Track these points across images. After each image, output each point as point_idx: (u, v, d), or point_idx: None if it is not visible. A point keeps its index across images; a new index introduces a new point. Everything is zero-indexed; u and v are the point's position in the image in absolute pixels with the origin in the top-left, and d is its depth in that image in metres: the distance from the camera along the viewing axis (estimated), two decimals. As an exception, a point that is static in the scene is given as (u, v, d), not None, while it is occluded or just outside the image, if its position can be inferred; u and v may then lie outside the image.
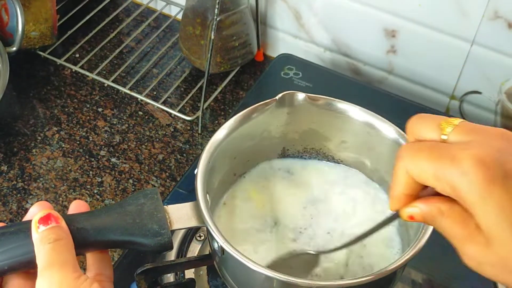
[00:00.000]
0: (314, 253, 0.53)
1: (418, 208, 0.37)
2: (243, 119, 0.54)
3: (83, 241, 0.45)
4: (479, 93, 0.80)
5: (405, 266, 0.46)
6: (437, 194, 0.37)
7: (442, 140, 0.37)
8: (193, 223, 0.48)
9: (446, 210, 0.36)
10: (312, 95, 0.56)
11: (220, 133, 0.53)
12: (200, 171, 0.50)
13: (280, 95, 0.55)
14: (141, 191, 0.49)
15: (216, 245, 0.47)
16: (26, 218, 0.45)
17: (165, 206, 0.48)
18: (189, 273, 0.62)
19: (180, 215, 0.48)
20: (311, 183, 0.59)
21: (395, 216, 0.39)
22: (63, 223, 0.44)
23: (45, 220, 0.43)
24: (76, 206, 0.48)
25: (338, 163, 0.60)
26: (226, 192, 0.58)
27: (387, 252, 0.54)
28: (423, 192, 0.38)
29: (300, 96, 0.55)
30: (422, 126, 0.38)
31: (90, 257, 0.47)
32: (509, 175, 0.33)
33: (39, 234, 0.43)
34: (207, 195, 0.50)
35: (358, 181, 0.59)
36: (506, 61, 0.78)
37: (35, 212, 0.44)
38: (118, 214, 0.47)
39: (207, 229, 0.47)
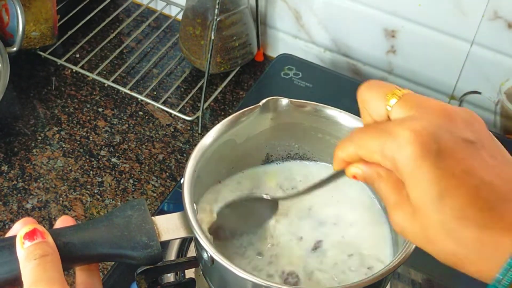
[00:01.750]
0: (269, 198, 0.54)
1: (360, 170, 0.40)
2: (228, 125, 0.54)
3: (70, 256, 0.44)
4: (479, 93, 0.81)
5: (395, 271, 0.46)
6: None
7: (386, 111, 0.39)
8: (182, 233, 0.48)
9: (384, 175, 0.38)
10: (296, 101, 0.55)
11: (206, 140, 0.53)
12: (186, 180, 0.49)
13: (263, 101, 0.54)
14: (128, 202, 0.48)
15: (205, 255, 0.47)
16: (9, 234, 0.44)
17: (153, 218, 0.48)
18: (189, 273, 0.62)
19: (168, 226, 0.48)
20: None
21: (342, 172, 0.42)
22: (49, 238, 0.42)
23: (30, 235, 0.42)
24: (63, 222, 0.47)
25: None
26: (211, 199, 0.57)
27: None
28: None
29: (284, 101, 0.55)
30: (370, 95, 0.40)
31: (79, 276, 0.46)
32: (441, 151, 0.34)
33: (24, 250, 0.41)
34: (194, 204, 0.49)
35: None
36: (506, 61, 0.78)
37: (19, 228, 0.43)
38: (106, 227, 0.46)
39: (196, 239, 0.47)
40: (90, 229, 0.46)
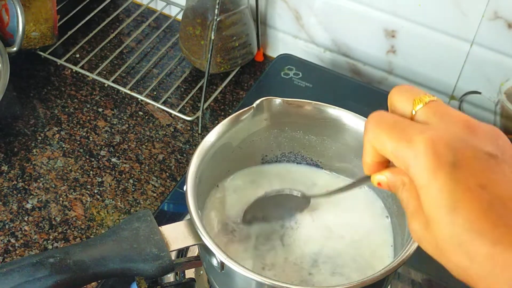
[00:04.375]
0: (297, 195, 0.54)
1: (385, 177, 0.39)
2: (225, 128, 0.54)
3: (81, 274, 0.43)
4: (479, 93, 0.81)
5: (396, 271, 0.47)
6: None
7: (411, 115, 0.38)
8: (190, 241, 0.48)
9: (407, 183, 0.38)
10: (289, 100, 0.56)
11: (205, 145, 0.53)
12: (189, 187, 0.49)
13: (257, 101, 0.55)
14: (133, 214, 0.48)
15: (215, 261, 0.46)
16: None
17: (160, 228, 0.47)
18: (189, 273, 0.62)
19: (176, 235, 0.48)
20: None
21: (367, 178, 0.42)
22: None
23: None
24: None
25: (319, 167, 0.60)
26: (207, 200, 0.57)
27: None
28: None
29: (278, 101, 0.55)
30: (398, 97, 0.39)
31: None
32: (458, 164, 0.34)
33: None
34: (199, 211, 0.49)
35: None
36: (506, 61, 0.78)
37: None
38: (114, 241, 0.45)
39: (205, 246, 0.47)
40: (98, 245, 0.45)
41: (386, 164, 0.40)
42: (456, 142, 0.34)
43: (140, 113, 0.85)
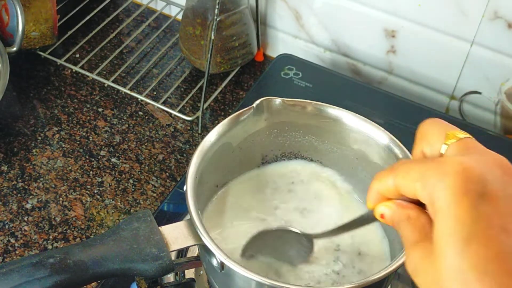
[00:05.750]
0: (299, 232, 0.53)
1: (390, 209, 0.37)
2: (225, 128, 0.54)
3: (81, 274, 0.43)
4: (479, 93, 0.81)
5: (396, 271, 0.47)
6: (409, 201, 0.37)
7: (439, 151, 0.36)
8: (190, 241, 0.48)
9: (413, 217, 0.36)
10: (289, 100, 0.56)
11: (205, 145, 0.53)
12: (189, 188, 0.49)
13: (257, 101, 0.55)
14: (133, 214, 0.48)
15: (215, 262, 0.46)
16: None
17: (159, 228, 0.47)
18: (189, 273, 0.62)
19: (176, 235, 0.48)
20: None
21: (371, 216, 0.39)
22: None
23: None
24: None
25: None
26: (210, 203, 0.57)
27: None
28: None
29: (278, 101, 0.55)
30: (431, 130, 0.38)
31: None
32: (486, 197, 0.32)
33: None
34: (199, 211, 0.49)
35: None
36: (506, 61, 0.78)
37: None
38: (114, 241, 0.45)
39: (205, 246, 0.47)
40: (98, 245, 0.45)
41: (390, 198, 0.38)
42: (488, 175, 0.32)
43: (140, 113, 0.85)
